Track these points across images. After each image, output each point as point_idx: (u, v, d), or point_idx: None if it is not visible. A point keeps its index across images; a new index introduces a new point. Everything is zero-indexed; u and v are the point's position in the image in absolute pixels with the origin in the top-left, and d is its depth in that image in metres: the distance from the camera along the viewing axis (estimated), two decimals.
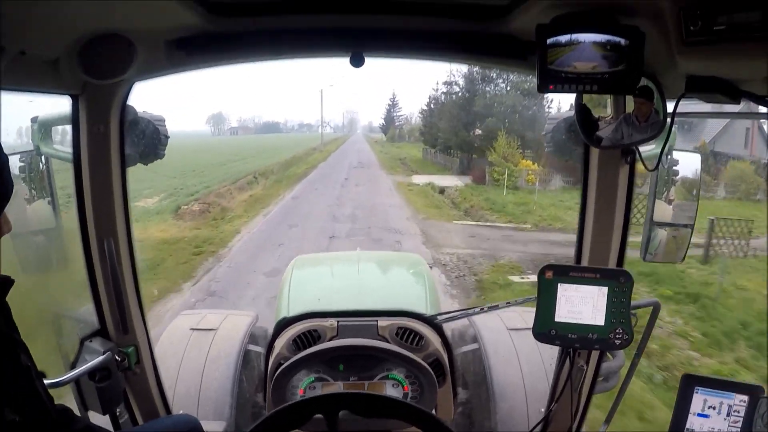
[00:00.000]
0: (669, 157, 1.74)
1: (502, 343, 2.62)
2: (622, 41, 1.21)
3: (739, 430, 1.33)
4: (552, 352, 2.53)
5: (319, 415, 1.10)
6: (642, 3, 1.17)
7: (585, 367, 1.63)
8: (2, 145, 1.02)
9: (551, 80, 1.22)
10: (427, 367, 1.69)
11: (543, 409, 2.38)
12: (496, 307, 2.13)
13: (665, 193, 1.80)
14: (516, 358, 2.53)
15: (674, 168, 1.77)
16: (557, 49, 1.22)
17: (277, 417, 1.08)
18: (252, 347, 2.70)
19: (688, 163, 1.83)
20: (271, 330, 2.99)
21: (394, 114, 60.77)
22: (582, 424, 1.77)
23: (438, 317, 1.98)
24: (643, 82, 1.34)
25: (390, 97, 62.73)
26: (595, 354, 1.76)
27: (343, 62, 1.45)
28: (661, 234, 1.81)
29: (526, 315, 2.82)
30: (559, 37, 1.21)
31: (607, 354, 1.82)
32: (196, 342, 2.62)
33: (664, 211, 1.79)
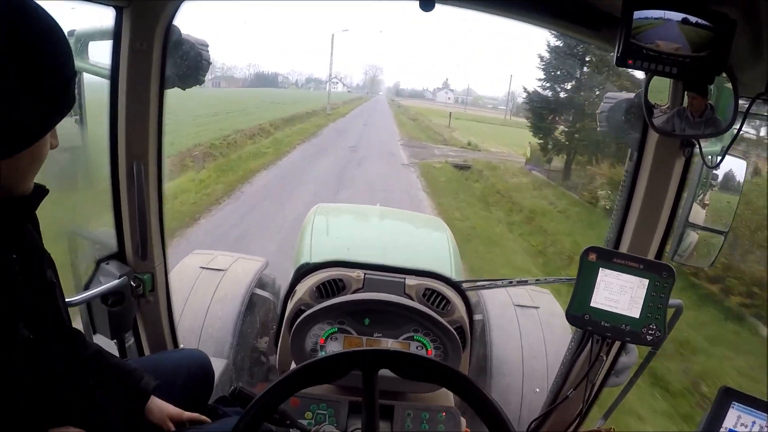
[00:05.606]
0: (712, 158, 1.68)
1: (506, 318, 2.63)
2: (712, 26, 1.14)
3: None
4: (557, 334, 2.56)
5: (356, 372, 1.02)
6: None
7: (604, 358, 1.60)
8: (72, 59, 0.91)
9: (632, 55, 1.15)
10: (455, 333, 1.66)
11: (538, 390, 2.40)
12: (525, 282, 2.10)
13: (701, 196, 1.75)
14: (519, 335, 2.55)
15: (714, 172, 1.71)
16: (641, 22, 1.15)
17: (311, 368, 1.00)
18: (258, 291, 2.72)
19: (731, 168, 1.77)
20: (277, 278, 3.02)
21: None
22: (587, 414, 1.76)
23: (464, 284, 1.94)
24: None
25: None
26: (615, 346, 1.74)
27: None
28: (693, 236, 1.77)
29: (534, 293, 2.84)
30: (646, 11, 1.14)
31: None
32: (204, 280, 2.64)
33: (698, 213, 1.75)
